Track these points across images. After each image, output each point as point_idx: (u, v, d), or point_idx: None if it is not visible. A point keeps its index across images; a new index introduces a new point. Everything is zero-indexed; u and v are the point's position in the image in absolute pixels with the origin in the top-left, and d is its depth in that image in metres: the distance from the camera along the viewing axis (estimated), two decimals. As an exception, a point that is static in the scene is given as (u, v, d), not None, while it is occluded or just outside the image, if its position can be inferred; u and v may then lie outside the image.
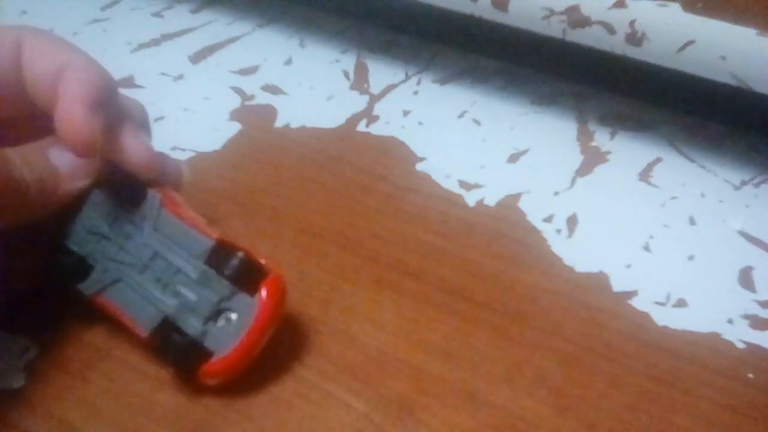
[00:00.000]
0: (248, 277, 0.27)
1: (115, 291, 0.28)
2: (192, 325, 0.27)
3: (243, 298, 0.27)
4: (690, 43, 0.33)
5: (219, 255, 0.27)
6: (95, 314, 0.29)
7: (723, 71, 0.32)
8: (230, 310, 0.27)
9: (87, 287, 0.28)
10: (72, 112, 0.27)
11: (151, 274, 0.28)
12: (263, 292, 0.27)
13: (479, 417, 0.27)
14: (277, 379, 0.28)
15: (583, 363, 0.28)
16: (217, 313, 0.27)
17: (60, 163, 0.28)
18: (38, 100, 0.28)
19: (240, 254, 0.27)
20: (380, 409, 0.27)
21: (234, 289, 0.27)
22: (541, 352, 0.29)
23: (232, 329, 0.27)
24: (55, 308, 0.30)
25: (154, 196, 0.28)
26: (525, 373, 0.28)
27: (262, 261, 0.27)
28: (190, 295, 0.27)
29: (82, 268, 0.28)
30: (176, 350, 0.27)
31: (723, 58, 0.32)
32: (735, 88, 0.33)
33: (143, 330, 0.27)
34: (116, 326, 0.28)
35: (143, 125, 0.30)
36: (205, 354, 0.27)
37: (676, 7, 0.33)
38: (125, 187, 0.29)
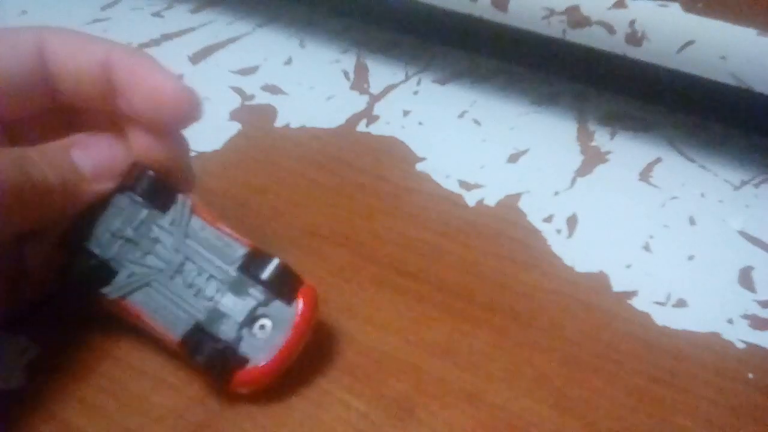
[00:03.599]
0: (285, 284, 0.27)
1: (143, 295, 0.27)
2: (225, 331, 0.26)
3: (279, 305, 0.26)
4: (690, 43, 0.33)
5: (254, 261, 0.27)
6: (97, 316, 0.29)
7: (723, 71, 0.32)
8: (265, 317, 0.26)
9: (112, 291, 0.27)
10: (168, 85, 0.27)
11: (181, 279, 0.27)
12: (301, 301, 0.26)
13: (479, 417, 0.27)
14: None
15: (583, 363, 0.28)
16: (251, 320, 0.26)
17: (83, 165, 0.27)
18: (81, 93, 0.28)
19: (277, 260, 0.27)
20: (380, 409, 0.27)
21: (270, 296, 0.26)
22: (541, 352, 0.29)
23: (267, 336, 0.26)
24: (56, 308, 0.30)
25: (184, 201, 0.28)
26: (525, 373, 0.28)
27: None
28: (224, 301, 0.27)
29: (105, 272, 0.27)
30: (210, 355, 0.26)
31: (723, 58, 0.32)
32: (735, 88, 0.33)
33: (174, 335, 0.26)
34: (140, 332, 0.28)
35: None
36: (239, 360, 0.26)
37: (676, 7, 0.33)
38: (153, 192, 0.28)
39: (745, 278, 0.31)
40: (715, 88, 0.33)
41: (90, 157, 0.27)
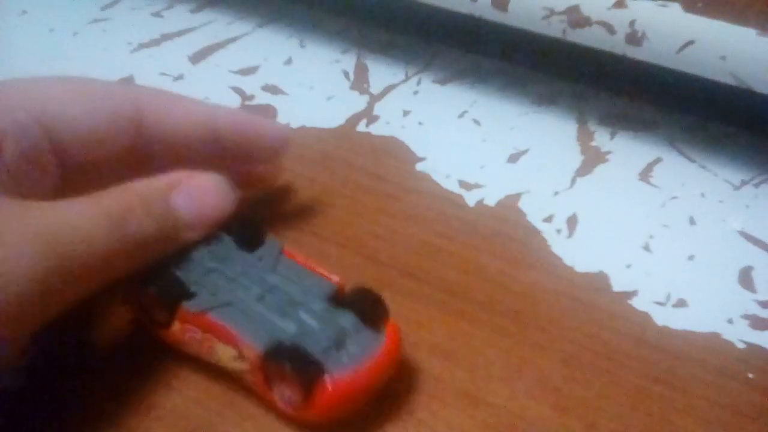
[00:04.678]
0: (375, 313, 0.27)
1: (225, 312, 0.26)
2: (313, 347, 0.25)
3: (367, 334, 0.26)
4: (690, 43, 0.33)
5: (344, 293, 0.27)
6: (97, 317, 0.29)
7: (723, 71, 0.32)
8: (353, 342, 0.26)
9: (193, 305, 0.26)
10: (282, 134, 0.32)
11: (268, 302, 0.26)
12: (389, 331, 0.26)
13: (479, 417, 0.27)
14: (277, 379, 0.28)
15: (583, 363, 0.28)
16: (339, 345, 0.25)
17: (185, 212, 0.26)
18: (180, 154, 0.29)
19: (370, 290, 0.27)
20: (380, 409, 0.27)
21: (359, 324, 0.26)
22: (541, 352, 0.29)
23: (354, 361, 0.25)
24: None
25: (273, 241, 0.28)
26: (525, 373, 0.28)
27: None
28: (313, 323, 0.26)
29: (184, 289, 0.26)
30: (299, 361, 0.25)
31: (723, 58, 0.32)
32: (735, 88, 0.33)
33: (258, 347, 0.25)
34: (203, 360, 0.27)
35: None
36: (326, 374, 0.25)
37: (676, 7, 0.33)
38: (240, 232, 0.28)
39: (745, 278, 0.31)
40: (715, 88, 0.33)
41: (193, 204, 0.27)
